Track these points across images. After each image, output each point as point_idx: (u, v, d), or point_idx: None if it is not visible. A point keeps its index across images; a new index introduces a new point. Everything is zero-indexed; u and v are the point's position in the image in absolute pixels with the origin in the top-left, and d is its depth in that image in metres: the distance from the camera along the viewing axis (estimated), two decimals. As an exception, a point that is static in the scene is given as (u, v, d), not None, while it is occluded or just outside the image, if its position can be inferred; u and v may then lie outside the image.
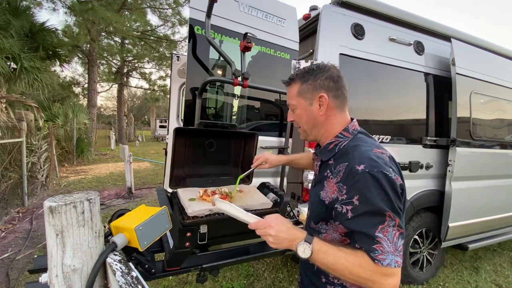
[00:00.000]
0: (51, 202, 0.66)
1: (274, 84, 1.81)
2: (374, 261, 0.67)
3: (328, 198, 0.80)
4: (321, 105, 0.84)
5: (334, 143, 0.86)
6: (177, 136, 1.43)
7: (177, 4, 12.06)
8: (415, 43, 2.34)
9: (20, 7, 5.64)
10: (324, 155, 0.88)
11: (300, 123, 0.91)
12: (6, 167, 4.01)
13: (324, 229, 0.86)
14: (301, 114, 0.88)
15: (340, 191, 0.75)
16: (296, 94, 0.88)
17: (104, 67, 15.73)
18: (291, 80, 0.90)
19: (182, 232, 1.15)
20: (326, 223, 0.84)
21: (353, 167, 0.73)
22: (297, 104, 0.88)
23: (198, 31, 1.62)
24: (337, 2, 2.02)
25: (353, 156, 0.76)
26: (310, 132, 0.90)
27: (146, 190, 5.81)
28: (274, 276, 2.59)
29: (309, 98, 0.86)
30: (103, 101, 34.68)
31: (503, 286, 2.60)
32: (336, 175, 0.79)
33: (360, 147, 0.79)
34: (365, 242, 0.69)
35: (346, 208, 0.72)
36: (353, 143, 0.83)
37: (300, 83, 0.87)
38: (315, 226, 0.89)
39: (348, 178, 0.74)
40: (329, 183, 0.81)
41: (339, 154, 0.83)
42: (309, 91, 0.85)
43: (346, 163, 0.77)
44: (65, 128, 8.18)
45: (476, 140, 2.45)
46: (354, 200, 0.70)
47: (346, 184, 0.74)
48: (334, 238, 0.82)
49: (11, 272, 2.53)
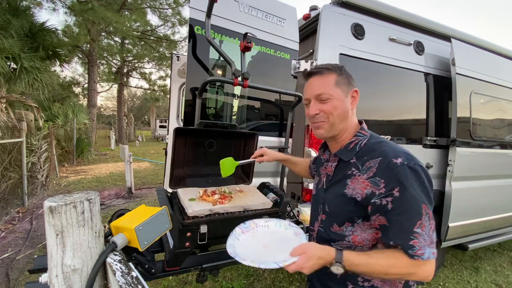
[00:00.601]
0: (51, 202, 0.66)
1: (274, 84, 1.81)
2: (413, 257, 0.69)
3: (360, 194, 0.78)
4: (353, 100, 0.87)
5: (354, 142, 0.86)
6: (177, 136, 1.43)
7: (177, 4, 12.06)
8: (415, 43, 2.33)
9: (20, 7, 5.63)
10: (345, 155, 0.86)
11: (332, 115, 0.85)
12: (6, 167, 4.01)
13: (349, 231, 0.83)
14: (337, 105, 0.84)
15: (377, 185, 0.75)
16: (334, 84, 0.84)
17: (104, 67, 15.74)
18: (324, 69, 0.86)
19: (182, 232, 1.15)
20: (352, 224, 0.82)
21: (390, 161, 0.74)
22: (334, 94, 0.84)
23: (198, 31, 1.62)
24: (337, 2, 2.02)
25: (385, 151, 0.77)
26: (339, 125, 0.86)
27: (146, 190, 5.81)
28: (274, 276, 2.59)
29: (345, 91, 0.85)
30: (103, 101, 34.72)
31: (503, 286, 2.59)
32: (366, 171, 0.78)
33: (386, 143, 0.81)
34: (401, 237, 0.70)
35: (386, 200, 0.72)
36: (374, 140, 0.84)
37: (336, 74, 0.85)
38: (338, 229, 0.85)
39: (386, 171, 0.74)
40: (355, 180, 0.80)
41: (362, 152, 0.83)
42: (345, 84, 0.86)
43: (378, 158, 0.77)
44: (65, 128, 8.18)
45: (476, 140, 2.45)
46: (395, 192, 0.71)
47: (383, 178, 0.74)
48: (363, 238, 0.81)
49: (11, 272, 2.53)
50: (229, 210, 1.26)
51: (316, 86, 0.87)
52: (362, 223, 0.81)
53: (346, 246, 0.84)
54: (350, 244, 0.83)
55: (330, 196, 0.89)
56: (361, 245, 0.82)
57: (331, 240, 0.88)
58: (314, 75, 0.88)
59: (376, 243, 0.81)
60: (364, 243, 0.82)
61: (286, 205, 1.40)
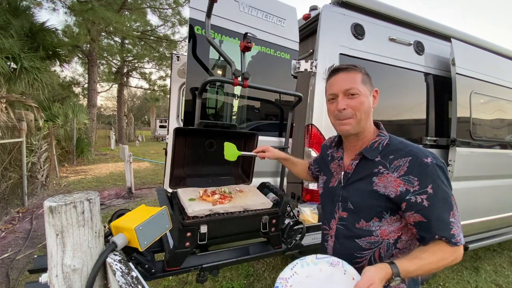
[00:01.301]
0: (51, 202, 0.66)
1: (274, 84, 1.81)
2: (456, 244, 0.76)
3: (393, 192, 0.82)
4: (374, 98, 0.93)
5: (377, 141, 0.90)
6: (177, 136, 1.43)
7: (177, 4, 12.05)
8: (415, 43, 2.33)
9: (20, 7, 5.64)
10: (370, 154, 0.89)
11: (359, 111, 0.88)
12: (6, 167, 4.01)
13: (377, 226, 0.87)
14: (364, 101, 0.88)
15: (410, 183, 0.79)
16: (361, 82, 0.89)
17: (104, 67, 15.73)
18: (349, 66, 0.91)
19: (182, 232, 1.15)
20: (380, 219, 0.87)
21: (421, 160, 0.80)
22: (363, 91, 0.88)
23: (198, 31, 1.62)
24: (337, 2, 2.02)
25: (414, 151, 0.83)
26: (364, 122, 0.90)
27: (146, 190, 5.81)
28: (274, 276, 2.59)
29: (369, 89, 0.90)
30: (103, 101, 34.72)
31: (503, 286, 2.59)
32: (396, 170, 0.83)
33: (408, 143, 0.87)
34: (444, 229, 0.77)
35: (421, 197, 0.78)
36: (396, 140, 0.90)
37: (362, 73, 0.90)
38: (366, 225, 0.89)
39: (418, 170, 0.79)
40: (384, 178, 0.84)
41: (387, 151, 0.87)
42: (369, 83, 0.91)
43: (407, 157, 0.82)
44: (65, 128, 8.17)
45: (476, 140, 2.45)
46: (428, 189, 0.77)
47: (417, 176, 0.79)
48: (390, 231, 0.87)
49: (11, 272, 2.53)
50: (229, 210, 1.26)
51: (345, 81, 0.89)
52: (389, 218, 0.86)
53: (374, 241, 0.88)
54: (378, 239, 0.88)
55: (353, 193, 0.91)
56: (388, 238, 0.87)
57: (355, 237, 0.91)
58: (341, 71, 0.91)
59: (401, 235, 0.87)
60: (391, 235, 0.87)
61: (286, 205, 1.40)
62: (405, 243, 0.88)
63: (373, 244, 0.89)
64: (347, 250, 0.93)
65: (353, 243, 0.91)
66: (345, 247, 0.94)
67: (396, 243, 0.88)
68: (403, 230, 0.87)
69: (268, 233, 1.38)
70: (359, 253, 0.91)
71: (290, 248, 1.42)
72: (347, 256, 0.90)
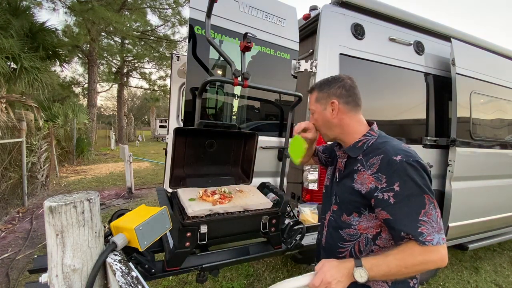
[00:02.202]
0: (51, 202, 0.66)
1: (274, 84, 1.81)
2: (424, 243, 0.74)
3: (365, 188, 0.87)
4: (333, 109, 0.98)
5: (362, 141, 0.95)
6: (177, 136, 1.43)
7: (177, 4, 12.05)
8: (415, 43, 2.33)
9: (20, 7, 5.63)
10: (353, 152, 0.96)
11: (318, 126, 1.06)
12: (6, 167, 4.01)
13: (356, 221, 0.93)
14: (318, 117, 1.03)
15: (379, 180, 0.83)
16: (314, 101, 1.03)
17: (104, 67, 15.72)
18: (311, 90, 1.06)
19: (182, 232, 1.15)
20: (359, 214, 0.92)
21: (390, 158, 0.83)
22: (315, 109, 1.03)
23: (198, 31, 1.62)
24: (337, 2, 2.02)
25: (387, 149, 0.86)
26: (327, 132, 1.03)
27: (146, 190, 5.81)
28: (274, 276, 2.59)
29: (324, 104, 1.00)
30: (103, 101, 34.69)
31: (503, 286, 2.59)
32: (370, 167, 0.87)
33: (389, 142, 0.90)
34: (409, 227, 0.76)
35: (387, 194, 0.81)
36: (381, 140, 0.93)
37: (317, 92, 1.02)
38: (347, 218, 0.96)
39: (387, 168, 0.82)
40: (361, 175, 0.90)
41: (368, 150, 0.92)
42: (323, 98, 1.00)
43: (380, 155, 0.86)
44: (65, 128, 8.17)
45: (476, 140, 2.45)
46: (395, 187, 0.79)
47: (385, 174, 0.82)
48: (368, 226, 0.91)
49: (11, 272, 2.53)
50: (229, 210, 1.26)
51: (309, 102, 1.09)
52: (368, 214, 0.90)
53: (353, 233, 0.94)
54: (356, 231, 0.93)
55: (341, 188, 1.00)
56: (366, 232, 0.91)
57: (339, 228, 0.99)
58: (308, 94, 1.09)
59: (380, 232, 0.90)
60: (369, 230, 0.91)
61: (286, 205, 1.40)
62: (386, 241, 0.90)
63: (352, 237, 0.94)
64: (334, 240, 1.02)
65: (338, 233, 0.99)
66: (332, 237, 1.03)
67: (375, 239, 0.91)
68: (382, 227, 0.89)
69: (268, 233, 1.38)
70: (342, 244, 0.98)
71: (290, 248, 1.42)
72: (333, 245, 1.01)
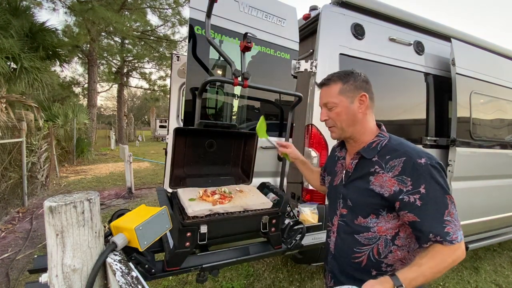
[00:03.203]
0: (51, 202, 0.66)
1: (274, 84, 1.81)
2: (452, 242, 0.77)
3: (387, 191, 0.85)
4: (361, 103, 0.93)
5: (376, 142, 0.93)
6: (177, 136, 1.43)
7: (177, 4, 12.04)
8: (415, 43, 2.33)
9: (20, 7, 5.63)
10: (368, 153, 0.93)
11: (338, 121, 0.95)
12: (6, 167, 4.01)
13: (374, 222, 0.90)
14: (341, 111, 0.94)
15: (403, 183, 0.82)
16: (338, 93, 0.94)
17: (104, 67, 15.71)
18: (329, 81, 0.97)
19: (182, 232, 1.15)
20: (376, 216, 0.90)
21: (415, 161, 0.82)
22: (339, 102, 0.94)
23: (198, 31, 1.62)
24: (337, 2, 2.02)
25: (409, 152, 0.85)
26: (347, 129, 0.95)
27: (146, 190, 5.81)
28: (274, 276, 2.59)
29: (350, 97, 0.93)
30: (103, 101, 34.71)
31: (503, 286, 2.59)
32: (390, 170, 0.85)
33: (406, 144, 0.90)
34: (437, 228, 0.78)
35: (413, 197, 0.80)
36: (395, 141, 0.92)
37: (342, 83, 0.94)
38: (363, 221, 0.92)
39: (412, 171, 0.81)
40: (379, 177, 0.87)
41: (384, 151, 0.90)
42: (350, 90, 0.93)
43: (402, 158, 0.84)
44: (65, 128, 8.17)
45: (476, 140, 2.45)
46: (421, 189, 0.79)
47: (410, 176, 0.81)
48: (387, 227, 0.89)
49: (11, 272, 2.53)
50: (229, 210, 1.26)
51: (323, 95, 0.99)
52: (386, 215, 0.88)
53: (372, 237, 0.91)
54: (375, 235, 0.90)
55: (353, 191, 0.96)
56: (385, 234, 0.89)
57: (354, 232, 0.94)
58: (322, 86, 0.99)
59: (398, 231, 0.89)
60: (388, 232, 0.89)
61: (286, 205, 1.40)
62: (404, 240, 0.90)
63: (371, 240, 0.91)
64: (347, 245, 0.97)
65: (352, 238, 0.95)
66: (345, 243, 0.98)
67: (394, 240, 0.89)
68: (400, 227, 0.89)
69: (268, 233, 1.38)
70: (358, 248, 0.94)
71: (290, 248, 1.42)
72: (347, 251, 0.97)
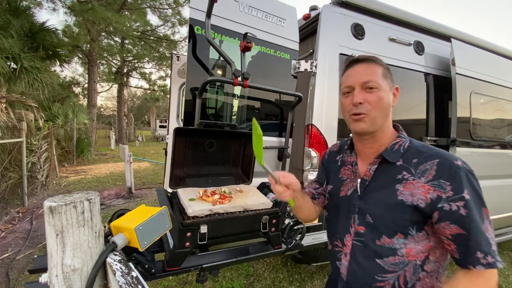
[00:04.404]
0: (51, 202, 0.66)
1: (274, 84, 1.81)
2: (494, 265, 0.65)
3: (421, 200, 0.71)
4: (395, 96, 0.83)
5: (398, 143, 0.81)
6: (177, 136, 1.43)
7: (177, 4, 12.05)
8: (415, 43, 2.33)
9: (20, 7, 5.64)
10: (392, 156, 0.79)
11: (377, 107, 0.78)
12: (6, 167, 4.01)
13: (401, 243, 0.74)
14: (383, 96, 0.78)
15: (442, 188, 0.69)
16: (382, 76, 0.80)
17: (104, 67, 15.74)
18: (374, 59, 0.82)
19: (182, 232, 1.15)
20: (405, 235, 0.74)
21: (452, 162, 0.70)
22: (383, 85, 0.79)
23: (198, 31, 1.62)
24: (337, 2, 2.02)
25: (441, 152, 0.74)
26: (379, 121, 0.80)
27: (146, 190, 5.81)
28: (274, 276, 2.59)
29: (389, 85, 0.81)
30: (103, 101, 34.71)
31: (503, 286, 2.59)
32: (422, 175, 0.73)
33: (432, 146, 0.79)
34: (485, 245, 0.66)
35: (456, 204, 0.67)
36: (418, 143, 0.80)
37: (383, 67, 0.81)
38: (389, 241, 0.75)
39: (450, 173, 0.69)
40: (409, 185, 0.73)
41: (409, 154, 0.78)
42: (390, 78, 0.82)
43: (434, 160, 0.72)
44: (65, 128, 8.18)
45: (476, 140, 2.45)
46: (465, 195, 0.67)
47: (448, 180, 0.69)
48: (417, 250, 0.74)
49: (11, 272, 2.53)
50: (229, 210, 1.26)
51: (363, 73, 0.80)
52: (416, 234, 0.73)
53: (399, 262, 0.75)
54: (403, 259, 0.74)
55: (373, 203, 0.80)
56: (415, 259, 0.74)
57: (376, 256, 0.78)
58: (360, 62, 0.82)
59: (428, 255, 0.75)
60: (418, 256, 0.74)
61: (286, 205, 1.40)
62: (433, 264, 0.75)
63: (398, 266, 0.75)
64: (366, 271, 0.79)
65: (373, 263, 0.78)
66: (364, 268, 0.80)
67: (424, 265, 0.74)
68: (430, 249, 0.74)
69: (268, 233, 1.38)
70: (381, 276, 0.77)
71: (290, 248, 1.42)
72: (366, 278, 0.79)
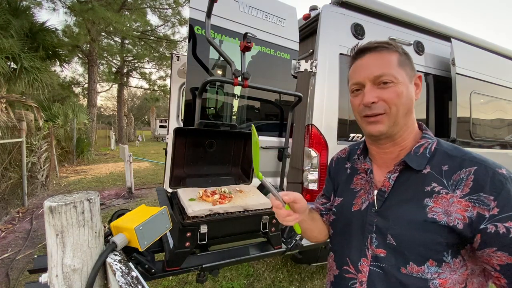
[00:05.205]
0: (51, 202, 0.66)
1: (274, 84, 1.81)
2: None
3: (460, 220, 0.56)
4: (417, 87, 0.67)
5: (423, 145, 0.65)
6: (177, 136, 1.43)
7: (177, 4, 12.05)
8: (415, 43, 2.34)
9: (20, 7, 5.65)
10: (415, 162, 0.63)
11: (396, 105, 0.62)
12: (6, 167, 4.01)
13: (434, 272, 0.58)
14: (402, 91, 0.62)
15: (484, 205, 0.54)
16: (398, 65, 0.63)
17: (104, 67, 15.74)
18: (386, 45, 0.65)
19: (182, 232, 1.15)
20: (438, 263, 0.58)
21: (495, 171, 0.56)
22: (400, 77, 0.62)
23: (198, 31, 1.62)
24: (337, 2, 2.02)
25: (478, 158, 0.59)
26: (401, 120, 0.64)
27: (146, 190, 5.81)
28: (274, 276, 2.59)
29: (409, 75, 0.65)
30: (103, 101, 34.72)
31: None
32: (457, 186, 0.58)
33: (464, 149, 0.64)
34: None
35: (504, 226, 0.52)
36: (447, 145, 0.65)
37: (398, 53, 0.65)
38: (418, 270, 0.59)
39: (492, 185, 0.54)
40: (442, 199, 0.58)
41: (437, 160, 0.62)
42: (409, 66, 0.65)
43: (470, 168, 0.58)
44: (65, 128, 8.18)
45: (476, 140, 2.46)
46: None
47: (492, 194, 0.54)
48: (454, 281, 0.58)
49: (11, 272, 2.53)
50: (229, 210, 1.26)
51: (374, 65, 0.64)
52: (452, 262, 0.58)
53: None
54: None
55: (395, 221, 0.63)
56: None
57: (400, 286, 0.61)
58: (370, 52, 0.65)
59: (466, 285, 0.59)
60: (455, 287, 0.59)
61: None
62: None
63: None
64: None
65: None
66: None
67: None
68: (468, 280, 0.59)
69: (268, 233, 1.38)
70: None
71: (290, 248, 1.42)
72: None
